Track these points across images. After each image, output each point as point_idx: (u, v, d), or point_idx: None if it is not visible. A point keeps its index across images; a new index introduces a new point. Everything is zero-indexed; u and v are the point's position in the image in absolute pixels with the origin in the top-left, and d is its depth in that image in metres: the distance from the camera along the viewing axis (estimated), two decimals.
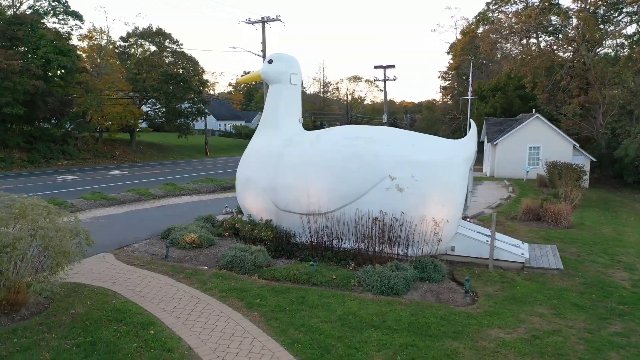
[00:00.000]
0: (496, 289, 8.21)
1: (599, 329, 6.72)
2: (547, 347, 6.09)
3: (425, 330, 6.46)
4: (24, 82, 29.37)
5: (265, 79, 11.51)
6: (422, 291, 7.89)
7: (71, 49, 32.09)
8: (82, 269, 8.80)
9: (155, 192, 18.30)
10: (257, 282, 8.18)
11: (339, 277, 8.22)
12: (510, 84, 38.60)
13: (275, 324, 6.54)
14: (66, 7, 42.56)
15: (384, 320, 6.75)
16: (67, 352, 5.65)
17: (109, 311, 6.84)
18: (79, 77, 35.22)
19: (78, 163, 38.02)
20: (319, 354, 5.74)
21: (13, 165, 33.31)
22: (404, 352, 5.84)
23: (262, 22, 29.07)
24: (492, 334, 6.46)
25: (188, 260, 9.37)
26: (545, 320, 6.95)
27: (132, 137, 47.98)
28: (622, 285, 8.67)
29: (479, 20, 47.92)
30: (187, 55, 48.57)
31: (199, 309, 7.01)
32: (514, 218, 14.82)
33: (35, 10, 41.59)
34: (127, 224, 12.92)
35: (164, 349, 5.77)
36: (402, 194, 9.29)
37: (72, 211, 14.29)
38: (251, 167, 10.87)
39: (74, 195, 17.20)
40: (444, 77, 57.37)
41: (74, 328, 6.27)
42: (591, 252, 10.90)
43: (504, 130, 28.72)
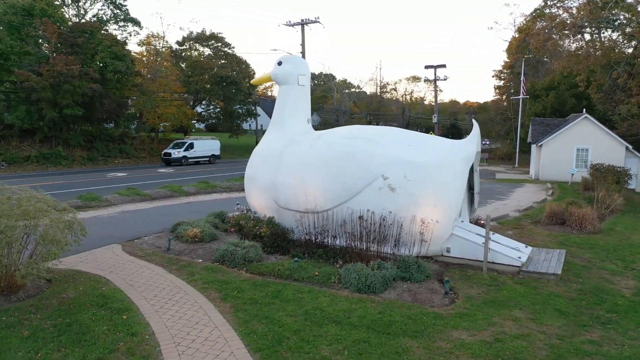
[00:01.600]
0: (480, 291, 8.06)
1: (573, 336, 6.48)
2: (505, 351, 5.97)
3: (385, 328, 6.50)
4: (82, 85, 31.51)
5: (275, 80, 11.82)
6: (401, 290, 7.89)
7: (126, 53, 34.03)
8: (89, 257, 9.50)
9: (188, 190, 19.14)
10: (242, 276, 8.50)
11: (321, 274, 8.38)
12: (563, 83, 36.82)
13: (241, 315, 6.82)
14: (126, 15, 45.17)
15: (348, 316, 6.85)
16: (43, 331, 6.20)
17: (96, 297, 7.38)
18: (134, 80, 37.27)
19: (133, 161, 40.21)
20: (270, 344, 5.95)
21: (74, 163, 35.79)
22: (354, 347, 5.93)
23: (302, 24, 29.52)
24: (454, 335, 6.40)
25: (187, 253, 9.85)
26: (517, 325, 6.78)
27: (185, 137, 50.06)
28: (621, 293, 8.24)
29: (535, 16, 46.02)
30: (238, 58, 50.08)
31: (177, 298, 7.41)
32: (537, 222, 14.29)
33: (99, 19, 44.46)
34: (148, 219, 13.66)
35: (129, 333, 6.20)
36: (394, 194, 9.30)
37: (105, 205, 15.34)
38: (256, 166, 11.23)
39: (115, 191, 18.32)
40: (499, 76, 55.47)
41: (58, 310, 6.85)
42: (605, 259, 10.38)
43: (551, 131, 27.51)
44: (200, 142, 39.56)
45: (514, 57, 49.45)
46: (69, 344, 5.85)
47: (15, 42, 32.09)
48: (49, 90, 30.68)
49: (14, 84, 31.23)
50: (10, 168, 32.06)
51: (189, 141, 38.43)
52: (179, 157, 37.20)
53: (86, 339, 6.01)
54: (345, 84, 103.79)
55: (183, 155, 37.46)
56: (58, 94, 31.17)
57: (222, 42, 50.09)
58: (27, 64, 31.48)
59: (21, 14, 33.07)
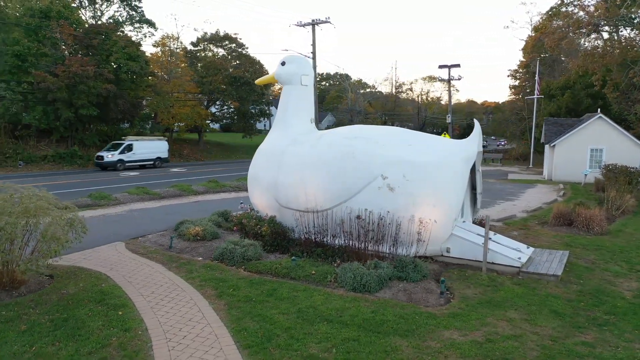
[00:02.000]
0: (477, 291, 8.02)
1: (566, 337, 6.42)
2: (495, 351, 5.94)
3: (376, 327, 6.51)
4: (97, 85, 32.00)
5: (279, 81, 11.89)
6: (396, 290, 7.89)
7: (140, 54, 34.47)
8: (92, 254, 9.68)
9: (196, 189, 19.33)
10: (240, 274, 8.58)
11: (318, 273, 8.42)
12: (579, 82, 36.26)
13: (234, 313, 6.89)
14: (141, 16, 45.78)
15: (341, 315, 6.88)
16: (40, 325, 6.35)
17: (94, 293, 7.53)
18: (148, 81, 37.73)
19: None
20: (260, 341, 6.01)
21: (89, 162, 36.32)
22: (343, 345, 5.96)
23: (313, 24, 29.57)
24: (445, 334, 6.39)
25: (188, 251, 9.97)
26: (510, 325, 6.73)
27: (199, 136, 50.48)
28: (622, 295, 8.12)
29: (551, 15, 45.42)
30: (252, 58, 50.32)
31: (173, 295, 7.52)
32: (544, 223, 14.13)
33: (115, 20, 45.13)
34: (154, 217, 13.84)
35: (123, 328, 6.31)
36: (394, 194, 9.29)
37: (114, 204, 15.57)
38: (258, 165, 11.31)
39: (125, 190, 18.59)
40: (514, 75, 54.83)
41: (57, 306, 7.00)
42: (610, 261, 10.23)
43: (565, 131, 27.13)
44: (142, 143, 34.34)
45: (529, 57, 48.86)
46: (63, 338, 5.98)
47: (32, 44, 32.72)
48: (64, 90, 31.23)
49: (31, 84, 31.84)
50: (27, 167, 32.71)
51: (127, 142, 33.23)
52: (112, 160, 32.17)
53: (80, 333, 6.14)
54: (360, 84, 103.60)
55: (118, 159, 32.31)
56: (73, 94, 31.71)
57: (235, 42, 50.40)
58: (43, 65, 32.08)
59: (38, 16, 33.72)
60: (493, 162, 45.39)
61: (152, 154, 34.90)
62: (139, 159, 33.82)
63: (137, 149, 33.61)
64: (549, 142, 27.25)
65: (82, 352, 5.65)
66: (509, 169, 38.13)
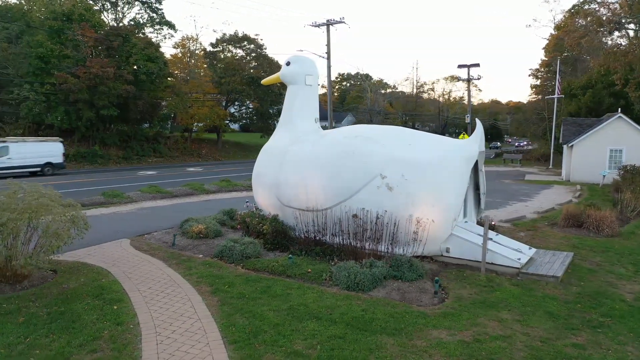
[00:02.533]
0: (472, 292, 7.97)
1: (557, 339, 6.34)
2: (481, 351, 5.91)
3: (365, 325, 6.54)
4: (117, 86, 32.67)
5: (284, 81, 11.98)
6: (390, 289, 7.89)
7: (159, 55, 35.04)
8: (97, 251, 9.93)
9: (209, 188, 19.59)
10: (237, 272, 8.70)
11: (314, 271, 8.48)
12: (600, 81, 35.48)
13: (226, 309, 7.00)
14: (161, 18, 46.51)
15: (331, 313, 6.92)
16: (37, 317, 6.56)
17: (94, 288, 7.73)
18: (167, 82, 38.32)
19: (167, 160, 41.35)
20: (246, 337, 6.10)
21: (110, 162, 37.13)
22: (328, 342, 6.00)
23: (327, 24, 29.64)
24: (433, 334, 6.38)
25: (190, 248, 10.14)
26: (502, 326, 6.68)
27: (218, 136, 51.03)
28: (622, 297, 7.97)
29: (573, 13, 44.55)
30: (270, 59, 50.66)
31: (169, 291, 7.67)
32: (554, 224, 13.90)
33: (136, 22, 45.96)
34: (163, 215, 14.09)
35: (116, 322, 6.48)
36: (392, 193, 9.29)
37: (126, 202, 15.89)
38: (262, 164, 11.43)
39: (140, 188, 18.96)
40: (535, 75, 53.96)
41: (56, 299, 7.22)
42: (616, 263, 10.03)
43: (583, 131, 26.60)
44: (23, 145, 27.32)
45: (550, 55, 48.04)
46: (57, 331, 6.18)
47: (55, 46, 33.58)
48: (85, 91, 31.96)
49: (54, 85, 32.66)
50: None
51: (1, 145, 26.42)
52: None
53: (75, 326, 6.33)
54: (380, 84, 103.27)
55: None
56: (94, 95, 32.42)
57: (254, 43, 50.81)
58: (65, 67, 32.88)
59: (61, 19, 34.57)
60: (512, 162, 44.74)
61: (38, 159, 27.79)
62: (15, 165, 26.41)
63: (14, 153, 26.61)
64: (566, 142, 26.75)
65: (73, 344, 5.82)
66: (527, 169, 37.53)
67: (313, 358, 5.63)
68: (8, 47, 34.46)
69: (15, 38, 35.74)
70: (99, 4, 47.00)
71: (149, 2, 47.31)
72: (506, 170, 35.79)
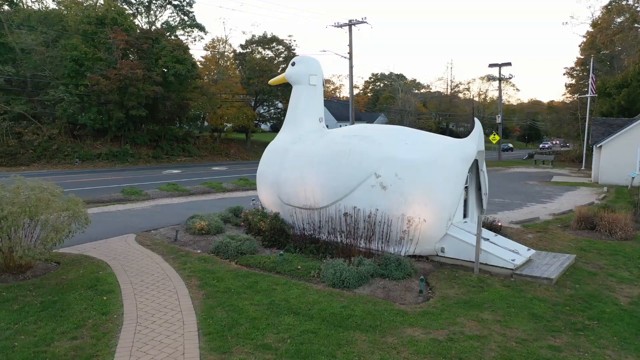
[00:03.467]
0: (460, 292, 7.92)
1: (535, 340, 6.26)
2: (451, 350, 5.90)
3: (341, 322, 6.61)
4: (145, 87, 33.63)
5: (289, 81, 12.17)
6: (376, 287, 7.93)
7: (187, 57, 35.88)
8: (102, 245, 10.34)
9: (226, 186, 19.97)
10: (230, 267, 8.91)
11: (303, 268, 8.60)
12: (636, 79, 34.15)
13: (209, 302, 7.20)
14: (192, 21, 47.55)
15: (310, 308, 7.03)
16: (30, 306, 6.93)
17: (90, 279, 8.08)
18: (195, 83, 39.19)
19: (195, 159, 42.27)
20: (221, 329, 6.28)
21: (140, 160, 38.28)
22: (299, 337, 6.11)
23: (349, 24, 29.64)
24: (408, 331, 6.39)
25: (191, 244, 10.43)
26: (480, 326, 6.63)
27: (247, 136, 51.78)
28: (616, 301, 7.76)
29: (610, 9, 43.07)
30: None
31: (160, 284, 7.94)
32: (567, 226, 13.55)
33: (169, 25, 47.17)
34: (175, 212, 14.48)
35: (102, 312, 6.77)
36: (386, 192, 9.32)
37: (143, 199, 16.40)
38: (264, 162, 11.65)
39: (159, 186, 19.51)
40: (570, 74, 52.38)
41: (52, 289, 7.59)
42: (621, 266, 9.73)
43: (613, 132, 25.70)
44: None
45: (585, 54, 46.55)
46: (46, 319, 6.51)
47: (89, 49, 34.86)
48: (116, 92, 33.05)
49: (87, 87, 33.90)
50: (82, 164, 34.88)
51: None
52: None
53: (63, 315, 6.65)
54: (413, 84, 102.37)
55: None
56: (124, 96, 33.48)
57: (282, 44, 51.31)
58: (98, 69, 34.07)
59: (95, 23, 35.85)
60: (544, 163, 43.59)
61: None
62: None
63: None
64: (595, 143, 25.92)
65: (57, 331, 6.14)
66: (558, 171, 36.51)
67: (281, 351, 5.75)
68: (46, 51, 35.95)
69: (53, 42, 37.26)
70: (134, 8, 48.53)
71: (180, 5, 48.50)
72: (535, 172, 34.93)
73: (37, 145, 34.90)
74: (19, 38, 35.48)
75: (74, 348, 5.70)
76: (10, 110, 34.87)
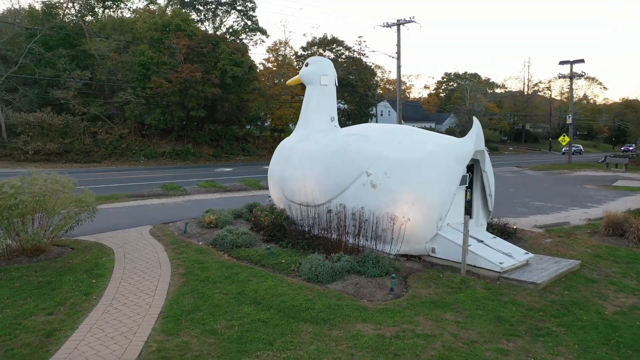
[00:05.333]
0: (434, 292, 7.83)
1: (485, 343, 6.13)
2: (391, 346, 5.93)
3: (296, 314, 6.82)
4: (204, 89, 35.31)
5: (302, 81, 12.49)
6: (349, 283, 8.03)
7: (244, 60, 37.23)
8: (118, 234, 11.21)
9: (263, 184, 20.59)
10: (220, 259, 9.36)
11: (286, 262, 8.87)
12: None
13: (183, 289, 7.67)
14: (255, 24, 49.15)
15: (274, 300, 7.29)
16: (28, 284, 7.76)
17: (90, 264, 8.86)
18: (253, 84, 40.54)
19: (254, 159, 43.64)
20: (180, 313, 6.71)
21: (200, 159, 40.20)
22: (249, 325, 6.40)
23: (398, 24, 29.37)
24: (358, 326, 6.48)
25: (197, 236, 11.02)
26: (435, 325, 6.57)
27: None
28: (601, 310, 7.33)
29: None
30: (358, 60, 51.14)
31: (149, 270, 8.54)
32: (596, 232, 12.75)
33: (233, 30, 49.10)
34: (201, 207, 15.22)
35: (84, 293, 7.45)
36: (375, 190, 9.38)
37: (180, 194, 17.40)
38: (273, 160, 12.06)
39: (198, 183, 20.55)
40: None
41: (54, 271, 8.42)
42: (630, 276, 9.06)
43: None
44: None
45: None
46: (35, 296, 7.28)
47: (154, 54, 37.18)
48: (177, 94, 34.97)
49: (152, 89, 36.16)
50: (147, 162, 37.25)
51: None
52: None
53: (51, 294, 7.40)
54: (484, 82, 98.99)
55: None
56: (185, 97, 35.34)
57: (342, 45, 51.68)
58: (162, 73, 36.23)
59: (160, 29, 38.16)
60: (617, 167, 40.57)
61: None
62: None
63: None
64: None
65: (38, 307, 6.86)
66: (630, 175, 33.89)
67: (225, 337, 6.08)
68: (118, 57, 38.78)
69: (124, 48, 40.11)
70: (202, 15, 51.04)
71: (244, 11, 50.34)
72: (601, 175, 32.70)
73: (108, 143, 37.72)
74: (95, 45, 38.50)
75: (44, 322, 6.37)
76: (87, 112, 38.00)
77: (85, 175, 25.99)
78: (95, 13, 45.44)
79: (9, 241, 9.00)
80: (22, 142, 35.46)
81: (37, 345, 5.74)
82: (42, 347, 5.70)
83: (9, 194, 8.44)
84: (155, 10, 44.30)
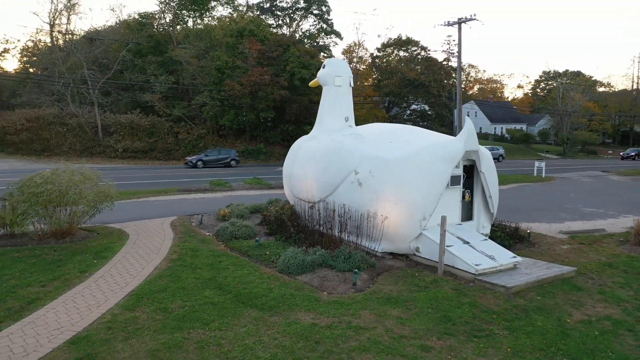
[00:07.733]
0: (398, 289, 7.92)
1: (413, 339, 6.21)
2: (316, 335, 6.20)
3: (249, 300, 7.29)
4: (273, 92, 36.75)
5: (319, 82, 12.93)
6: (316, 276, 8.33)
7: (312, 63, 38.13)
8: (142, 223, 12.37)
9: None
10: (216, 248, 10.07)
11: (270, 254, 9.38)
12: None
13: (165, 273, 8.45)
14: (331, 27, 50.05)
15: (237, 286, 7.82)
16: (41, 261, 8.97)
17: (102, 247, 9.98)
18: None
19: None
20: (146, 293, 7.47)
21: (271, 158, 41.82)
22: (199, 306, 6.99)
23: (459, 22, 28.50)
24: (299, 315, 6.82)
25: (209, 227, 11.86)
26: (375, 320, 6.73)
27: None
28: (565, 318, 7.00)
29: None
30: (432, 60, 50.15)
31: (146, 255, 9.46)
32: (626, 241, 11.81)
33: (310, 33, 50.43)
34: (234, 201, 16.13)
35: (80, 271, 8.49)
36: (361, 189, 9.59)
37: (225, 190, 18.56)
38: (286, 158, 12.62)
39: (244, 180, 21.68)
40: None
41: (69, 252, 9.61)
42: (627, 287, 8.42)
43: None
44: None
45: None
46: (40, 271, 8.44)
47: (229, 59, 39.34)
48: (248, 97, 36.75)
49: (225, 92, 38.32)
50: None
51: None
52: None
53: (54, 270, 8.52)
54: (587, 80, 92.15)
55: None
56: (255, 99, 37.04)
57: (416, 45, 50.98)
58: (236, 76, 38.25)
59: (235, 35, 40.30)
60: None
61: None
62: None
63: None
64: None
65: (37, 280, 7.98)
66: None
67: (173, 315, 6.73)
68: (198, 62, 41.54)
69: (203, 54, 42.85)
70: (279, 20, 52.92)
71: (320, 14, 51.41)
72: None
73: (187, 142, 40.56)
74: (177, 52, 41.58)
75: (34, 292, 7.44)
76: (172, 114, 41.20)
77: (163, 171, 28.34)
78: (185, 23, 49.03)
79: (42, 225, 10.39)
80: (114, 140, 39.33)
81: (16, 310, 6.77)
82: (19, 312, 6.72)
83: (37, 183, 9.78)
84: (236, 18, 46.83)
